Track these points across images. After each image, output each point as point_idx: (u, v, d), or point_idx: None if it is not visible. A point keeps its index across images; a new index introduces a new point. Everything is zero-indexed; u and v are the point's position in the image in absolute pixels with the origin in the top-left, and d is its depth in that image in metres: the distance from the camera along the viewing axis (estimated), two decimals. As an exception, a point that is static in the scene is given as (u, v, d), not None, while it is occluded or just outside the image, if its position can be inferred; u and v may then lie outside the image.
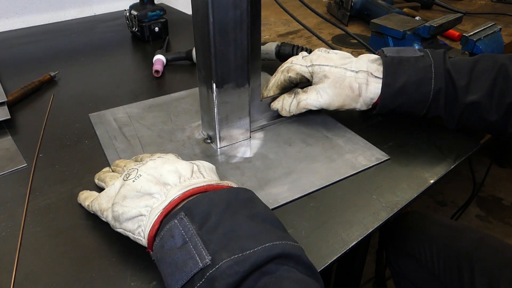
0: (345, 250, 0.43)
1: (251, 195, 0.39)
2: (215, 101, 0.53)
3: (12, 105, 0.69)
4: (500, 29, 0.82)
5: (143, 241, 0.38)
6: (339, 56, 0.60)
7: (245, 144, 0.59)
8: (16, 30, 1.05)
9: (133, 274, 0.41)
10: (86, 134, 0.62)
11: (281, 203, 0.49)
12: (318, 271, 0.41)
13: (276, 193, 0.50)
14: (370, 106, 0.59)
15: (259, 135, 0.61)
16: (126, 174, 0.42)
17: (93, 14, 1.17)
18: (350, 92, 0.57)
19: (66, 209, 0.48)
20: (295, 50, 0.78)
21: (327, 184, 0.52)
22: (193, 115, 0.66)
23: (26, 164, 0.56)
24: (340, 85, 0.57)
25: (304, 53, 0.63)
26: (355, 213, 0.48)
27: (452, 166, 0.56)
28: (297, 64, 0.60)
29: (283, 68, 0.62)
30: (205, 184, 0.39)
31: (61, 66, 0.84)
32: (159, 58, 0.82)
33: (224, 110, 0.55)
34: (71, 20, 1.13)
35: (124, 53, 0.93)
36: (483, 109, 0.54)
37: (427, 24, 0.79)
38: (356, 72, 0.57)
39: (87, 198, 0.47)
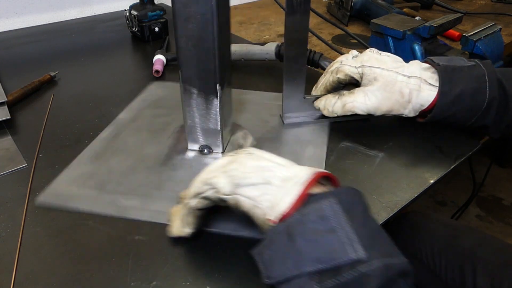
0: (345, 250, 0.43)
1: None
2: (219, 105, 0.53)
3: (12, 105, 0.69)
4: (500, 29, 0.82)
5: (264, 210, 0.36)
6: (392, 59, 0.58)
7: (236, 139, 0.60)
8: (16, 30, 1.05)
9: (133, 274, 0.41)
10: (85, 135, 0.62)
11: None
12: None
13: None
14: (418, 113, 0.58)
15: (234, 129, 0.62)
16: (233, 152, 0.41)
17: (93, 14, 1.17)
18: (400, 97, 0.56)
19: (66, 209, 0.48)
20: (295, 50, 0.78)
21: None
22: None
23: (26, 164, 0.56)
24: (390, 89, 0.56)
25: (355, 52, 0.61)
26: (355, 213, 0.48)
27: (452, 166, 0.56)
28: (347, 65, 0.59)
29: (332, 68, 0.61)
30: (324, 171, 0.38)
31: (61, 66, 0.84)
32: (159, 58, 0.82)
33: (223, 113, 0.54)
34: (71, 20, 1.13)
35: (124, 53, 0.93)
36: None
37: (427, 24, 0.79)
38: (409, 77, 0.56)
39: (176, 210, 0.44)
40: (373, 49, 0.61)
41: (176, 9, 0.46)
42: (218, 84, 0.51)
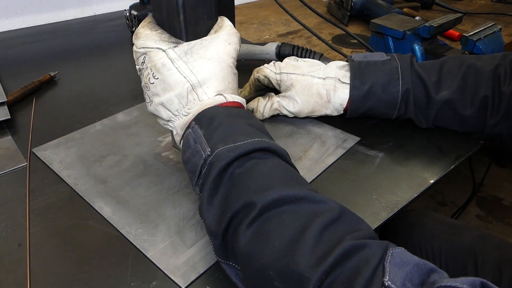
0: (345, 250, 0.43)
1: (249, 114, 0.45)
2: None
3: (12, 105, 0.69)
4: (500, 29, 0.82)
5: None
6: (307, 64, 0.61)
7: None
8: (16, 30, 1.05)
9: (133, 274, 0.41)
10: (86, 134, 0.62)
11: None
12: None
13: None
14: (342, 112, 0.60)
15: None
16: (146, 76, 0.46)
17: (93, 14, 1.17)
18: (319, 99, 0.59)
19: (66, 209, 0.48)
20: (295, 50, 0.78)
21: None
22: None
23: (26, 163, 0.56)
24: (308, 92, 0.58)
25: (277, 63, 0.64)
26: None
27: (452, 166, 0.56)
28: (268, 68, 0.62)
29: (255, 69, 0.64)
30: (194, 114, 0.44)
31: (61, 66, 0.84)
32: (159, 58, 0.82)
33: None
34: (71, 20, 1.13)
35: (124, 53, 0.93)
36: (457, 104, 0.55)
37: (427, 24, 0.79)
38: (324, 78, 0.58)
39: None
40: (291, 57, 0.64)
41: (187, 15, 0.44)
42: None
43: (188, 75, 0.44)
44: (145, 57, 0.46)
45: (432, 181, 0.53)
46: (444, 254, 0.70)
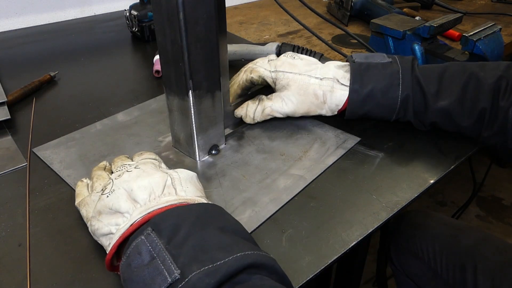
0: (345, 250, 0.43)
1: (220, 209, 0.39)
2: (222, 99, 0.52)
3: (12, 105, 0.69)
4: (500, 29, 0.82)
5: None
6: (304, 63, 0.59)
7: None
8: (16, 30, 1.05)
9: (133, 274, 0.41)
10: (86, 134, 0.62)
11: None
12: (318, 271, 0.41)
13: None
14: (336, 113, 0.60)
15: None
16: (103, 187, 0.41)
17: (93, 14, 1.17)
18: (315, 99, 0.58)
19: (66, 209, 0.48)
20: (295, 51, 0.78)
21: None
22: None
23: (26, 163, 0.56)
24: (304, 92, 0.57)
25: (272, 56, 0.62)
26: (355, 213, 0.48)
27: (452, 166, 0.56)
28: (262, 67, 0.60)
29: (246, 68, 0.61)
30: (167, 204, 0.38)
31: (61, 66, 0.84)
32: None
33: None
34: (71, 20, 1.13)
35: (124, 53, 0.93)
36: (455, 114, 0.54)
37: (427, 24, 0.79)
38: (321, 79, 0.57)
39: (78, 194, 0.46)
40: (288, 53, 0.61)
41: (187, 14, 0.44)
42: (221, 78, 0.51)
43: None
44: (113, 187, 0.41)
45: (432, 181, 0.53)
46: (445, 256, 0.70)
